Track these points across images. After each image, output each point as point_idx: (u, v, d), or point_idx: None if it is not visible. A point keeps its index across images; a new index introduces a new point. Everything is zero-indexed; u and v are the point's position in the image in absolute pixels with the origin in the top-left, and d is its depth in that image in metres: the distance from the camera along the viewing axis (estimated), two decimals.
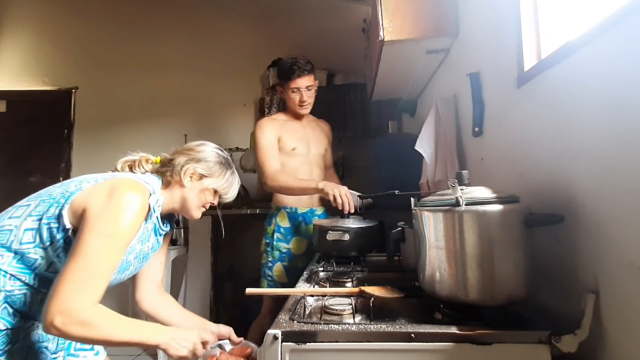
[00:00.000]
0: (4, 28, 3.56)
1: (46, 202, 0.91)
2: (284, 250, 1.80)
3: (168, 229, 1.14)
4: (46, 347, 0.97)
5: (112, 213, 0.86)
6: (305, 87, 1.79)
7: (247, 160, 3.20)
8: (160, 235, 1.10)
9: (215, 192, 1.11)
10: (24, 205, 0.93)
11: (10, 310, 0.88)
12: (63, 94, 3.44)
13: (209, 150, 1.11)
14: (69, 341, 1.03)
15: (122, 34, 3.46)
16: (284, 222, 1.83)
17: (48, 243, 0.88)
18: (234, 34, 3.37)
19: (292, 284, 1.71)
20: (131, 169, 1.09)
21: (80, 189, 0.92)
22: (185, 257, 2.78)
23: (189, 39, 3.40)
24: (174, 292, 2.74)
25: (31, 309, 0.91)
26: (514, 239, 0.72)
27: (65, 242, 0.89)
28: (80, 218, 0.87)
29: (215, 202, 1.13)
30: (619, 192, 0.61)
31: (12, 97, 3.46)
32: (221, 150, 1.14)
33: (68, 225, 0.88)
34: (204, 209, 1.13)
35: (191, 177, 1.07)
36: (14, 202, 0.95)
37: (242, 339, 1.11)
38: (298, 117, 1.89)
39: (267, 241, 1.85)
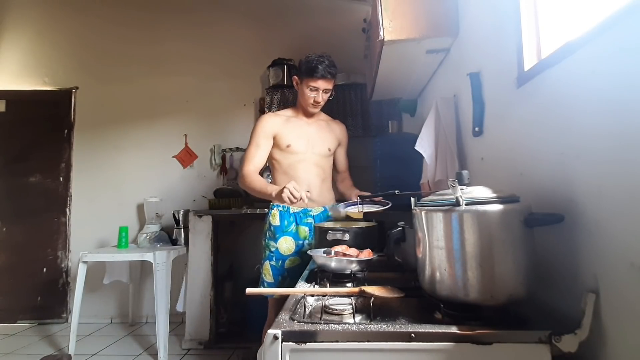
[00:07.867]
0: (4, 28, 3.56)
1: None
2: (273, 250, 1.78)
3: None
4: None
5: None
6: (323, 90, 1.79)
7: None
8: None
9: None
10: None
11: None
12: (63, 94, 3.44)
13: None
14: None
15: (122, 34, 3.47)
16: (275, 221, 1.81)
17: None
18: (234, 34, 3.37)
19: (276, 285, 1.73)
20: None
21: None
22: (185, 257, 2.77)
23: (189, 39, 3.40)
24: (174, 292, 2.74)
25: None
26: (514, 238, 0.72)
27: None
28: None
29: None
30: (619, 192, 0.61)
31: (11, 97, 3.46)
32: None
33: None
34: None
35: None
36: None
37: None
38: (306, 114, 1.88)
39: (263, 239, 1.86)
